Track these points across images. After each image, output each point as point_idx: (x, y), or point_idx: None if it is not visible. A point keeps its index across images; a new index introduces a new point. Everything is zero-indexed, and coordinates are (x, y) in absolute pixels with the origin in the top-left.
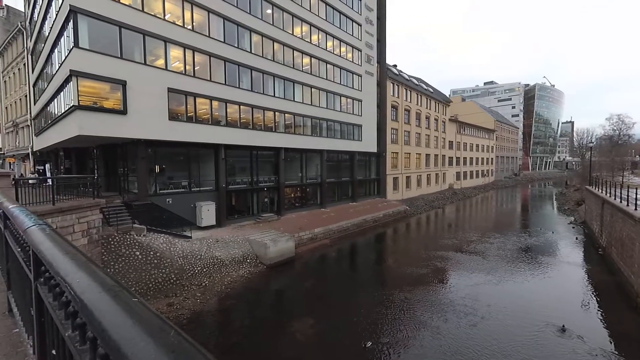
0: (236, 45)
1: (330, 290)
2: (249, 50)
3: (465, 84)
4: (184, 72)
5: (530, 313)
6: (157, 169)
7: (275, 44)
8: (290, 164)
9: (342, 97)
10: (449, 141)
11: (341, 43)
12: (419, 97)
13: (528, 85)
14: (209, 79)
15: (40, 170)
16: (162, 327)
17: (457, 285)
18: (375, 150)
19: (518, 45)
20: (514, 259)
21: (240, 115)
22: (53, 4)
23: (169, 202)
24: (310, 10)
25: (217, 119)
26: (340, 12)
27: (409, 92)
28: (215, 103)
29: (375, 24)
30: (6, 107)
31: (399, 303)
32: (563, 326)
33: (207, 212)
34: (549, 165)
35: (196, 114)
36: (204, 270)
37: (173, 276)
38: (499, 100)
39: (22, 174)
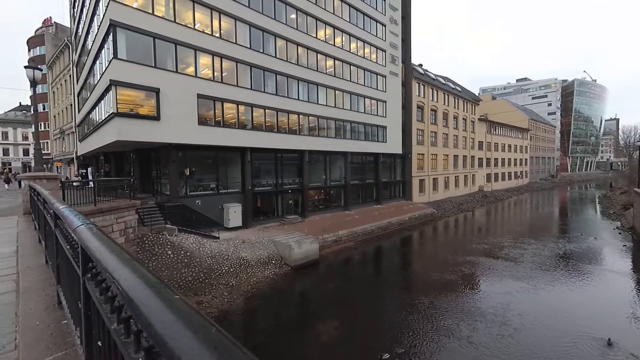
0: (261, 51)
1: (354, 293)
2: (274, 55)
3: (495, 82)
4: (212, 79)
5: (569, 325)
6: (187, 171)
7: (299, 47)
8: (314, 166)
9: (366, 99)
10: (479, 141)
11: (365, 44)
12: (446, 96)
13: (566, 80)
14: (235, 84)
15: (83, 174)
16: (203, 324)
17: (488, 293)
18: (401, 152)
19: (548, 40)
20: (551, 266)
21: (265, 118)
22: (95, 19)
23: (198, 203)
24: (333, 13)
25: (244, 123)
26: (364, 14)
27: (435, 91)
28: (241, 107)
29: (399, 24)
30: (54, 116)
31: (425, 309)
32: (609, 340)
33: (234, 213)
34: (591, 166)
35: (224, 118)
36: (231, 270)
37: (202, 275)
38: (533, 98)
39: (67, 177)
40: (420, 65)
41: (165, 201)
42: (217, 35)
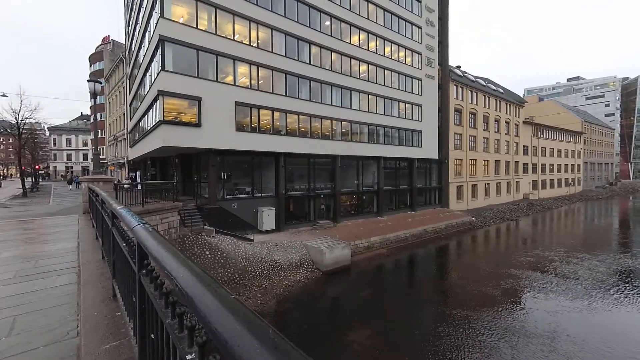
0: (296, 58)
1: (387, 302)
2: (308, 62)
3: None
4: (249, 87)
5: (630, 354)
6: (224, 176)
7: (333, 54)
8: (347, 171)
9: (400, 103)
10: (523, 146)
11: (400, 48)
12: (486, 98)
13: (627, 79)
14: (271, 91)
15: (133, 177)
16: (260, 324)
17: (533, 311)
18: (437, 157)
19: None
20: (611, 284)
21: (299, 124)
22: (146, 35)
23: (234, 206)
24: (367, 18)
25: (278, 129)
26: (399, 17)
27: (474, 94)
28: (276, 114)
29: (436, 25)
30: (109, 124)
31: (462, 323)
32: None
33: (268, 217)
34: None
35: (259, 124)
36: (264, 272)
37: (237, 276)
38: (587, 98)
39: (119, 180)
40: (459, 67)
41: (204, 204)
42: (255, 45)
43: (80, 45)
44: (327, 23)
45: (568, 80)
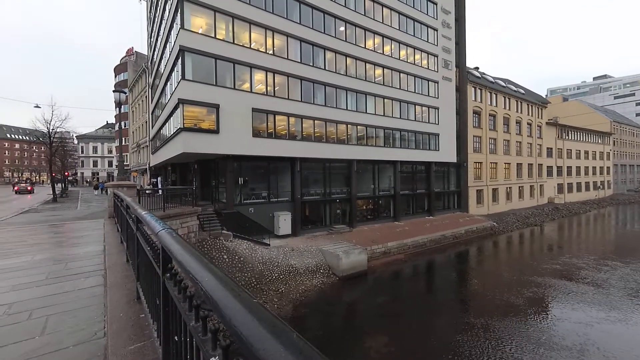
0: (311, 64)
1: (405, 308)
2: (323, 68)
3: (565, 82)
4: (265, 93)
5: None
6: (241, 181)
7: (348, 58)
8: (363, 176)
9: (416, 106)
10: (547, 148)
11: (415, 50)
12: (507, 100)
13: None
14: (287, 97)
15: (154, 182)
16: (284, 328)
17: (560, 321)
18: (455, 160)
19: (623, 34)
20: None
21: (314, 129)
22: (167, 46)
23: (251, 211)
24: (382, 22)
25: (294, 134)
26: (414, 20)
27: (494, 95)
28: (292, 119)
29: (453, 27)
30: (132, 132)
31: (483, 332)
32: None
33: (284, 221)
34: None
35: (275, 130)
36: (281, 277)
37: (254, 280)
38: (615, 97)
39: (141, 185)
40: (476, 68)
41: (222, 208)
42: (271, 52)
43: (104, 56)
44: (342, 28)
45: (594, 79)
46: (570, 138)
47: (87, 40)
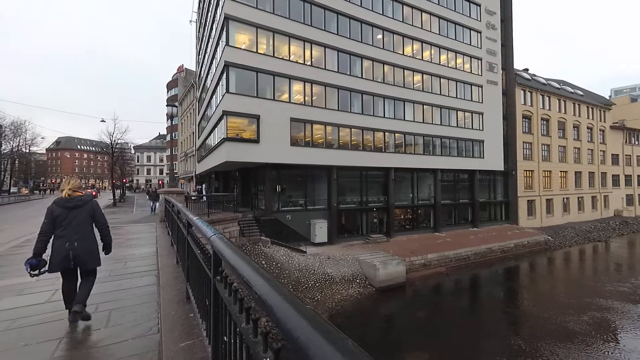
0: (348, 73)
1: (446, 326)
2: (360, 76)
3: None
4: (303, 103)
5: None
6: (279, 188)
7: (385, 66)
8: (400, 184)
9: (458, 112)
10: (612, 154)
11: (457, 54)
12: (562, 102)
13: None
14: (324, 106)
15: (199, 189)
16: (339, 335)
17: (630, 353)
18: (502, 168)
19: None
20: None
21: (351, 137)
22: (214, 62)
23: (288, 218)
24: (421, 28)
25: (331, 143)
26: (455, 23)
27: (546, 98)
28: (329, 128)
29: (498, 28)
30: (181, 142)
31: (535, 358)
32: None
33: (320, 229)
34: None
35: (312, 139)
36: (317, 285)
37: (290, 287)
38: None
39: (188, 192)
40: (526, 69)
41: (261, 215)
42: (308, 63)
43: (157, 72)
44: (379, 36)
45: None
46: None
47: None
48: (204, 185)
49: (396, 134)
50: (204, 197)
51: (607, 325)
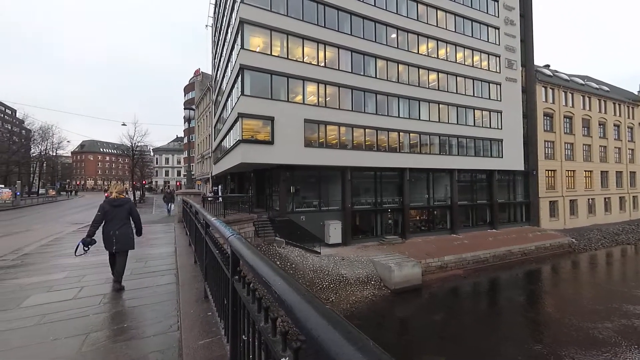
0: (362, 73)
1: (465, 330)
2: (374, 76)
3: None
4: (317, 104)
5: None
6: (293, 189)
7: (399, 65)
8: (416, 185)
9: (475, 110)
10: None
11: (474, 52)
12: (586, 99)
13: None
14: (337, 107)
15: (215, 190)
16: (359, 335)
17: None
18: (522, 168)
19: None
20: None
21: (365, 138)
22: (229, 65)
23: (302, 219)
24: (437, 26)
25: (344, 143)
26: (472, 20)
27: (569, 94)
28: (342, 129)
29: (517, 24)
30: (198, 144)
31: None
32: None
33: (334, 230)
34: None
35: (326, 139)
36: (331, 286)
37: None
38: None
39: (204, 193)
40: (547, 66)
41: (276, 216)
42: (322, 64)
43: (175, 75)
44: (394, 36)
45: None
46: None
47: (161, 62)
48: (219, 187)
49: (411, 134)
50: (220, 198)
51: (637, 334)
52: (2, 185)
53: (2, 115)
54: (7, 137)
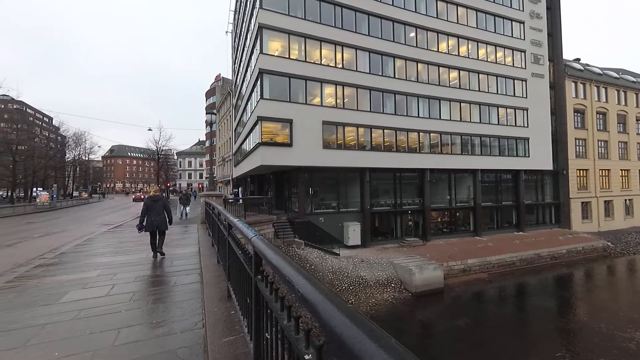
0: (380, 74)
1: (489, 335)
2: (393, 76)
3: None
4: (335, 106)
5: None
6: (311, 191)
7: (419, 64)
8: (436, 186)
9: (499, 108)
10: None
11: (497, 48)
12: (621, 93)
13: None
14: (355, 108)
15: (236, 192)
16: (382, 333)
17: None
18: (551, 168)
19: None
20: None
21: (384, 138)
22: (249, 70)
23: (321, 220)
24: (457, 22)
25: (363, 144)
26: (495, 15)
27: (602, 89)
28: (361, 130)
29: (544, 16)
30: (219, 147)
31: None
32: None
33: (353, 232)
34: None
35: (345, 141)
36: (350, 288)
37: None
38: None
39: (225, 195)
40: (577, 59)
41: (295, 217)
42: (340, 66)
43: (198, 80)
44: (412, 34)
45: None
46: None
47: (185, 68)
48: (240, 189)
49: (431, 134)
50: (240, 200)
51: None
52: (41, 189)
53: (40, 122)
54: (45, 144)
